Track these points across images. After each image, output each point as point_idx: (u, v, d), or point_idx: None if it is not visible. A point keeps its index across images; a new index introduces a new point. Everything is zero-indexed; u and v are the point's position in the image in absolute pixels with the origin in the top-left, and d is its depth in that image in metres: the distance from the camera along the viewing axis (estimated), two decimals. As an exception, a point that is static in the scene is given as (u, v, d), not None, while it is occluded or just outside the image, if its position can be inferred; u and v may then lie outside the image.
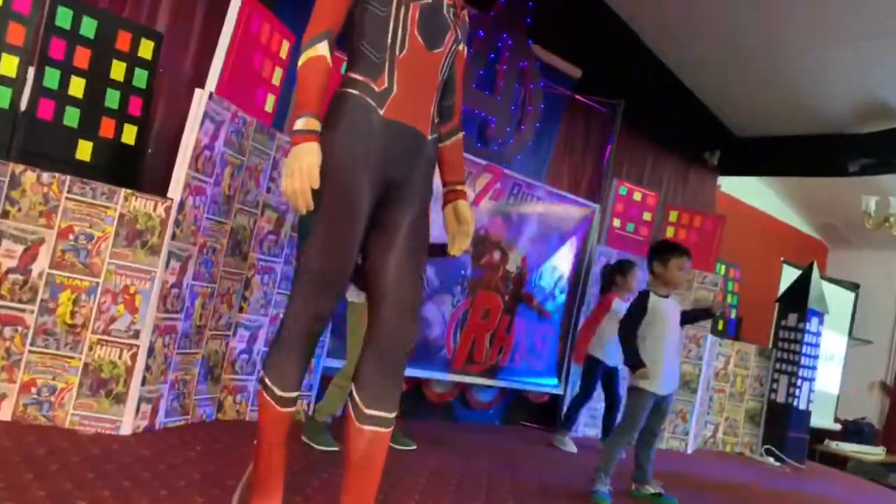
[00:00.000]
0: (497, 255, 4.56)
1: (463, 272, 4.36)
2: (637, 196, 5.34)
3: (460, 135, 2.14)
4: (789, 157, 7.03)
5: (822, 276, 6.41)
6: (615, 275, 4.57)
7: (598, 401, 4.66)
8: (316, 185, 1.74)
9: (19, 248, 2.62)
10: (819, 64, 5.85)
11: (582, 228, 5.04)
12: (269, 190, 3.41)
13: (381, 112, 1.84)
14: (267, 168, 3.40)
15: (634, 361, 3.24)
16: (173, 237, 2.82)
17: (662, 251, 3.35)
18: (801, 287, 6.22)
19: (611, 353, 4.40)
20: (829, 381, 8.21)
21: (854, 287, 8.89)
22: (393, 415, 1.86)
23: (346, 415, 1.88)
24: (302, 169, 1.72)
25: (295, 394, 1.89)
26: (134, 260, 2.75)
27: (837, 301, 7.59)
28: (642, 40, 6.01)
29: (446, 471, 3.19)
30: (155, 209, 2.78)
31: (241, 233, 3.29)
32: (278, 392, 1.86)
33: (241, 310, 3.35)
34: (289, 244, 3.52)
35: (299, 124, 1.75)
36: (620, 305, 4.48)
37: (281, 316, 2.17)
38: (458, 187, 2.12)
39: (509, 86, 4.78)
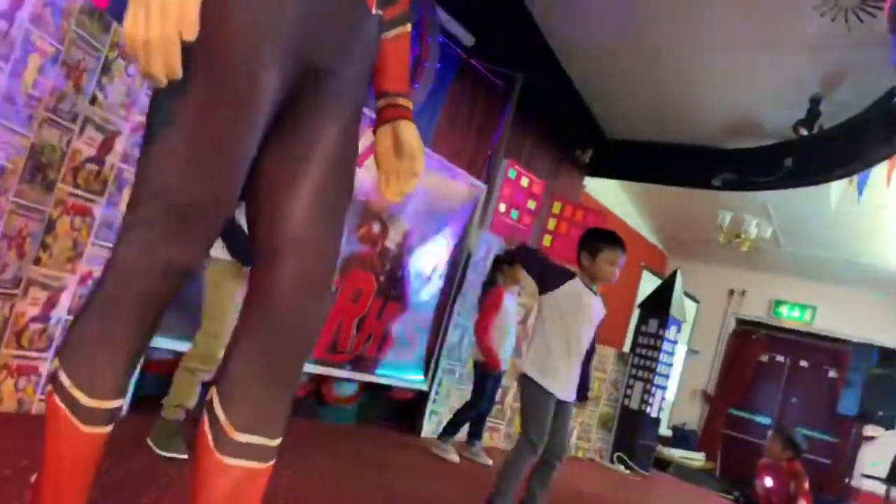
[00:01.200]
0: (377, 228, 3.88)
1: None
2: (524, 181, 4.91)
3: (408, 27, 1.44)
4: (657, 164, 6.99)
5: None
6: (501, 265, 4.10)
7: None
8: (190, 37, 0.98)
9: None
10: (699, 71, 5.79)
11: (467, 210, 4.50)
12: (93, 101, 2.48)
13: None
14: (95, 70, 2.47)
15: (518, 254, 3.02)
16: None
17: (591, 240, 2.87)
18: (663, 294, 6.18)
19: (503, 358, 3.95)
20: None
21: (696, 300, 9.26)
22: (276, 442, 1.17)
23: (199, 434, 1.15)
24: (169, 4, 0.95)
25: (114, 404, 1.10)
26: None
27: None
28: (531, 13, 5.57)
29: (287, 487, 2.48)
30: None
31: (46, 153, 2.34)
32: (83, 399, 1.07)
33: (37, 262, 2.40)
34: (119, 180, 2.60)
35: None
36: (510, 301, 4.02)
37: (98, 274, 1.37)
38: (402, 101, 1.41)
39: (405, 34, 4.11)
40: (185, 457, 2.40)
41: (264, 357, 1.14)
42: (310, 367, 3.66)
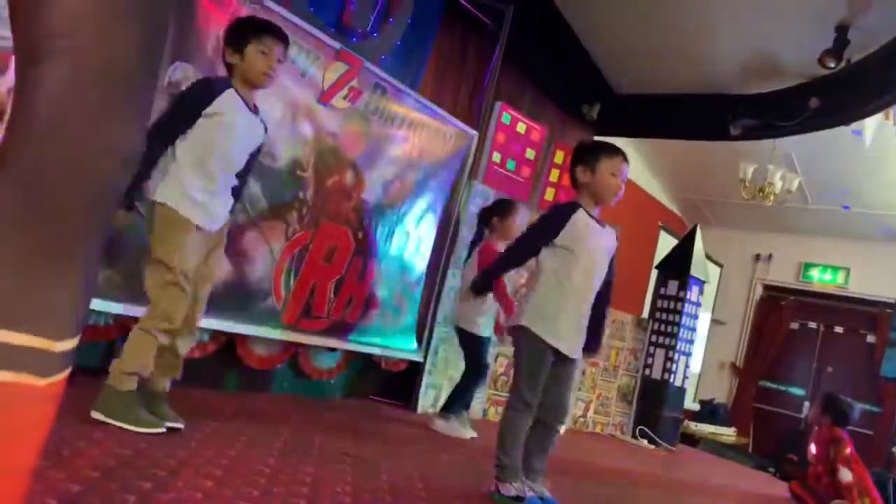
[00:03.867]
0: (350, 178, 3.45)
1: (300, 193, 3.21)
2: (521, 127, 4.45)
3: None
4: (670, 118, 6.49)
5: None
6: (491, 216, 3.63)
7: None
8: None
9: None
10: (711, 10, 5.30)
11: (457, 160, 4.05)
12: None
13: None
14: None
15: (481, 285, 2.57)
16: None
17: (587, 152, 2.42)
18: (683, 253, 5.70)
19: (488, 320, 3.51)
20: (693, 359, 7.95)
21: (719, 265, 8.74)
22: (59, 346, 0.75)
23: None
24: None
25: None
26: None
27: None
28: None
29: (254, 467, 2.06)
30: None
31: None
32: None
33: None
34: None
35: None
36: None
37: None
38: None
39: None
40: (163, 430, 2.10)
41: (18, 204, 0.72)
42: (281, 335, 3.25)
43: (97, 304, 2.44)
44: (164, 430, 2.10)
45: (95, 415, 2.06)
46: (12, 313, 0.72)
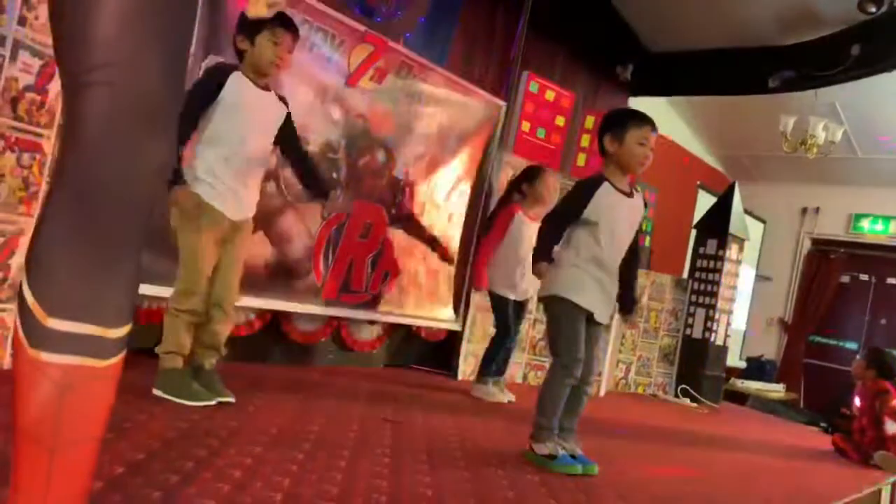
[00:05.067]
0: (381, 157, 3.57)
1: (334, 174, 3.34)
2: (549, 95, 4.48)
3: None
4: (706, 74, 6.37)
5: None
6: (520, 182, 3.71)
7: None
8: None
9: None
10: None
11: (486, 132, 4.12)
12: (22, 22, 2.23)
13: None
14: (20, -14, 2.22)
15: (540, 254, 2.48)
16: None
17: (614, 121, 2.47)
18: (721, 211, 5.66)
19: (512, 281, 3.60)
20: (737, 316, 7.90)
21: (762, 220, 8.59)
22: (117, 332, 0.89)
23: (15, 339, 0.89)
24: None
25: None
26: None
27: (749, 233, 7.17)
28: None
29: (299, 434, 2.23)
30: None
31: (-26, 82, 2.13)
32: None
33: (-16, 204, 2.20)
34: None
35: None
36: (523, 222, 3.62)
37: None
38: None
39: (395, -59, 3.72)
40: (213, 402, 2.27)
41: (76, 217, 0.86)
42: (322, 310, 3.42)
43: (152, 289, 2.63)
44: (213, 402, 2.27)
45: (156, 391, 2.27)
46: (74, 307, 0.87)
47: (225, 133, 2.28)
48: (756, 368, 8.01)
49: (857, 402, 4.45)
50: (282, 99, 2.47)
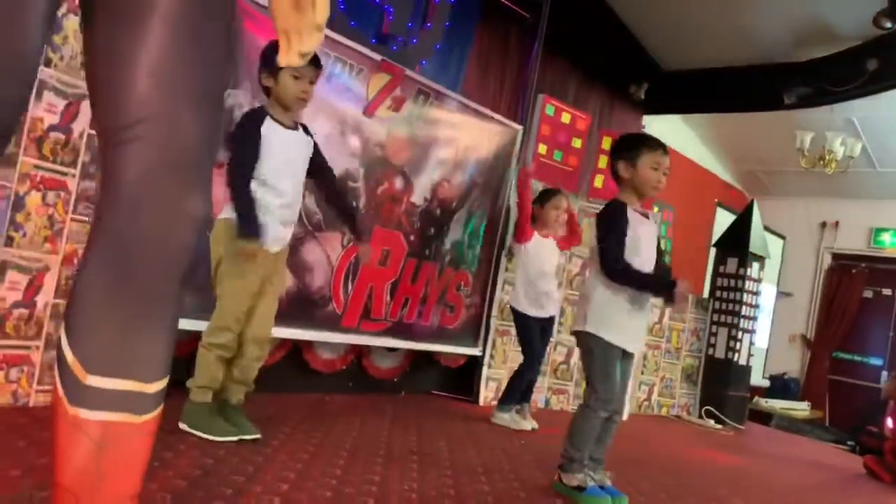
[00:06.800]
0: (399, 184, 3.57)
1: (353, 203, 3.34)
2: (566, 118, 4.47)
3: None
4: (721, 91, 6.35)
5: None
6: (532, 205, 3.72)
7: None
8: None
9: None
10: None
11: (504, 156, 4.11)
12: (48, 63, 2.27)
13: None
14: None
15: (652, 288, 2.42)
16: None
17: (627, 146, 2.46)
18: (740, 229, 5.61)
19: (534, 299, 3.57)
20: (759, 334, 7.81)
21: (781, 236, 8.51)
22: (154, 387, 0.89)
23: (54, 396, 0.89)
24: None
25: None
26: None
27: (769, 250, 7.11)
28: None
29: (325, 469, 2.21)
30: None
31: None
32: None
33: (10, 242, 2.22)
34: (92, 148, 2.40)
35: None
36: (540, 243, 3.64)
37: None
38: None
39: (409, -32, 3.75)
40: (236, 439, 2.25)
41: (113, 273, 0.86)
42: (342, 338, 3.41)
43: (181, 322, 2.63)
44: (236, 439, 2.26)
45: (182, 425, 2.26)
46: (113, 364, 0.86)
47: (264, 177, 2.31)
48: (780, 387, 7.90)
49: (889, 423, 4.36)
50: (307, 131, 2.49)
